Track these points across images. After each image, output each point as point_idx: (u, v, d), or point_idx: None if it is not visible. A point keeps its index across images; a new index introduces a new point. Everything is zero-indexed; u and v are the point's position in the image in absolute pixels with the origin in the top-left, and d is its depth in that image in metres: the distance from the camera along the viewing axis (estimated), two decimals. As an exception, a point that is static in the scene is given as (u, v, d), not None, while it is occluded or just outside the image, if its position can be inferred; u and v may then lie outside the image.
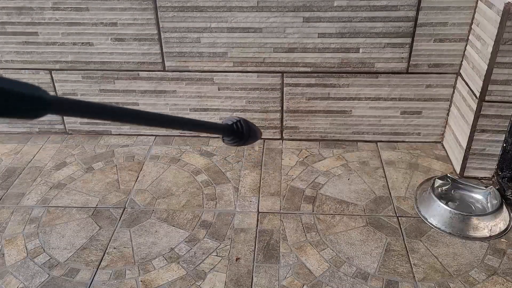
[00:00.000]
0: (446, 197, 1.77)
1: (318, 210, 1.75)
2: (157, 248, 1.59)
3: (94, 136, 2.25)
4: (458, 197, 1.79)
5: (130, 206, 1.79)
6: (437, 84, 2.00)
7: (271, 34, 1.92)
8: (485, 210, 1.71)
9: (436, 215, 1.67)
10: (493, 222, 1.63)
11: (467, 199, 1.78)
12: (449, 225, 1.64)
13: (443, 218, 1.65)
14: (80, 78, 2.12)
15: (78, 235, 1.64)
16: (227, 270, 1.50)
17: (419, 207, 1.74)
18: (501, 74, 1.66)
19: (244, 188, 1.87)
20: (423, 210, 1.72)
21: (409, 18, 1.86)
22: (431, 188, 1.75)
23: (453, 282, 1.44)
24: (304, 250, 1.57)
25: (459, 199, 1.79)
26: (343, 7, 1.85)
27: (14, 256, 1.57)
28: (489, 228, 1.62)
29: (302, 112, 2.12)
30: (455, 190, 1.80)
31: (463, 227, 1.63)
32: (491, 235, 1.61)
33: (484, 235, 1.61)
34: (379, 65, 1.98)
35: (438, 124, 2.10)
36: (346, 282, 1.45)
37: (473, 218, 1.63)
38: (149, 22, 1.95)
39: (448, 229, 1.63)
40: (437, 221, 1.66)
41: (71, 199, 1.83)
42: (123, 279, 1.48)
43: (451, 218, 1.64)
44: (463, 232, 1.62)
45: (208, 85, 2.08)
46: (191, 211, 1.76)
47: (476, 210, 1.73)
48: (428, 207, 1.72)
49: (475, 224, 1.62)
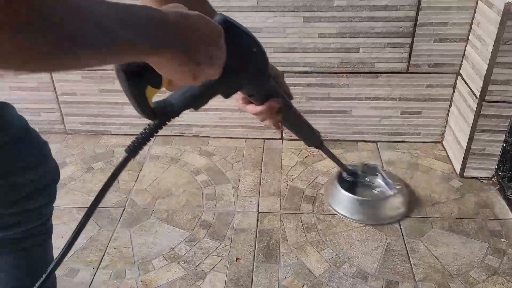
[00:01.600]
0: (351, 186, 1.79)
1: (318, 210, 1.75)
2: (157, 248, 1.59)
3: (94, 136, 2.25)
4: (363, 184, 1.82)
5: (130, 206, 1.79)
6: (437, 84, 2.00)
7: (271, 34, 1.92)
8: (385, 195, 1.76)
9: (341, 203, 1.72)
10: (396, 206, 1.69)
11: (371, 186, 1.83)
12: (355, 213, 1.68)
13: (348, 206, 1.70)
14: (80, 78, 2.12)
15: (78, 235, 1.64)
16: (227, 270, 1.50)
17: (328, 198, 1.78)
18: (501, 74, 1.66)
19: (244, 188, 1.87)
20: (331, 201, 1.76)
21: (409, 18, 1.86)
22: (336, 178, 1.78)
23: (453, 282, 1.44)
24: (304, 250, 1.57)
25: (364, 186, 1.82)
26: (343, 7, 1.85)
27: (14, 256, 1.57)
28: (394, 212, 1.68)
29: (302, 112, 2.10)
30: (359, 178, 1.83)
31: (368, 213, 1.68)
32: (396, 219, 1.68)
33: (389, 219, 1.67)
34: (379, 65, 1.98)
35: (438, 124, 2.10)
36: (346, 282, 1.45)
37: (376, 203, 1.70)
38: (149, 22, 1.95)
39: (355, 217, 1.68)
40: (343, 210, 1.71)
41: (71, 199, 1.83)
42: (123, 279, 1.48)
43: (354, 205, 1.69)
44: (369, 219, 1.67)
45: (208, 85, 2.08)
46: (191, 211, 1.76)
47: (380, 195, 1.78)
48: (334, 196, 1.75)
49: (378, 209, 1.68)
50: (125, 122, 2.23)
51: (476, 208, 1.75)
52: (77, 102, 2.19)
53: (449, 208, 1.75)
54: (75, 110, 2.21)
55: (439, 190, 1.85)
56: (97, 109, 2.20)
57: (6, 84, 2.15)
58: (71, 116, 2.23)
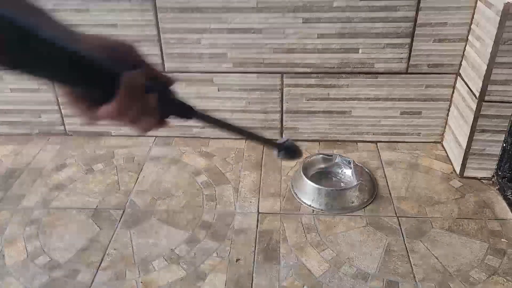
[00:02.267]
0: (317, 176, 1.84)
1: (318, 210, 1.75)
2: (157, 249, 1.59)
3: (94, 137, 2.25)
4: (328, 174, 1.90)
5: (130, 207, 1.79)
6: (437, 84, 2.00)
7: (271, 35, 1.92)
8: (352, 184, 1.80)
9: (307, 193, 1.76)
10: (359, 194, 1.75)
11: (336, 175, 1.90)
12: (321, 203, 1.74)
13: (313, 196, 1.74)
14: (80, 79, 2.12)
15: (78, 236, 1.64)
16: (227, 271, 1.50)
17: (294, 189, 1.82)
18: (501, 74, 1.66)
19: (244, 188, 1.87)
20: (297, 192, 1.80)
21: (409, 19, 1.86)
22: (302, 169, 1.82)
23: (453, 282, 1.44)
24: (305, 251, 1.57)
25: (329, 176, 1.90)
26: (343, 8, 1.85)
27: (14, 257, 1.57)
28: (359, 200, 1.74)
29: (302, 112, 2.12)
30: (325, 168, 1.90)
31: (333, 202, 1.73)
32: (359, 207, 1.74)
33: (352, 207, 1.73)
34: (378, 65, 1.98)
35: (438, 124, 2.11)
36: (346, 282, 1.45)
37: (341, 192, 1.75)
38: (149, 23, 1.95)
39: (321, 206, 1.73)
40: (309, 199, 1.75)
41: (71, 200, 1.83)
42: (124, 280, 1.48)
43: (320, 195, 1.74)
44: (333, 208, 1.73)
45: (208, 86, 2.09)
46: (191, 212, 1.76)
47: (346, 184, 1.84)
48: (300, 187, 1.80)
49: (343, 198, 1.73)
50: (125, 123, 2.22)
51: (476, 208, 1.75)
52: (77, 104, 2.19)
53: (449, 208, 1.75)
54: (75, 112, 2.21)
55: (439, 190, 1.85)
56: (97, 110, 2.20)
57: (7, 86, 2.16)
58: (71, 117, 2.23)
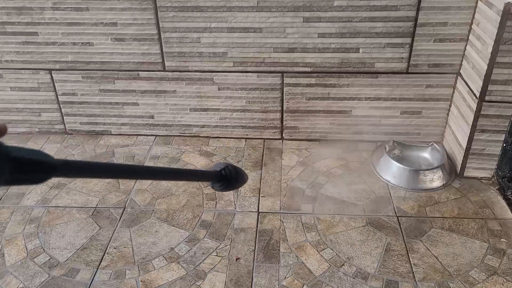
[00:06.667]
0: (397, 159, 1.98)
1: (318, 210, 1.75)
2: (157, 248, 1.59)
3: (94, 136, 2.25)
4: (407, 157, 2.05)
5: (130, 206, 1.79)
6: (437, 84, 2.00)
7: (271, 34, 1.92)
8: (431, 165, 1.95)
9: (391, 173, 1.91)
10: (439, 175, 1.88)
11: (415, 158, 2.04)
12: (404, 181, 1.88)
13: (397, 175, 1.90)
14: (80, 78, 2.12)
15: (78, 235, 1.64)
16: (227, 270, 1.50)
17: (377, 169, 1.97)
18: (501, 74, 1.66)
19: (244, 188, 1.87)
20: (380, 171, 1.95)
21: (409, 18, 1.86)
22: (385, 152, 1.98)
23: (453, 282, 1.44)
24: (304, 250, 1.57)
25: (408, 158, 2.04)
26: (343, 7, 1.85)
27: (14, 256, 1.57)
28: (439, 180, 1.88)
29: (302, 112, 2.12)
30: (403, 152, 2.06)
31: (414, 181, 1.87)
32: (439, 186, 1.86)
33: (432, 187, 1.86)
34: (379, 65, 1.98)
35: (438, 124, 2.10)
36: (346, 282, 1.45)
37: (421, 172, 1.88)
38: (149, 22, 1.95)
39: (403, 184, 1.87)
40: (392, 178, 1.90)
41: (71, 199, 1.83)
42: (123, 279, 1.48)
43: (403, 174, 1.89)
44: (415, 186, 1.86)
45: (208, 85, 2.08)
46: (191, 211, 1.76)
47: (424, 166, 1.98)
48: (384, 167, 1.95)
49: (423, 178, 1.87)
50: (125, 122, 2.23)
51: (476, 208, 1.75)
52: (77, 102, 2.19)
53: (449, 208, 1.75)
54: (75, 110, 2.22)
55: (439, 190, 1.85)
56: (97, 109, 2.20)
57: (7, 85, 2.16)
58: (71, 116, 2.23)
